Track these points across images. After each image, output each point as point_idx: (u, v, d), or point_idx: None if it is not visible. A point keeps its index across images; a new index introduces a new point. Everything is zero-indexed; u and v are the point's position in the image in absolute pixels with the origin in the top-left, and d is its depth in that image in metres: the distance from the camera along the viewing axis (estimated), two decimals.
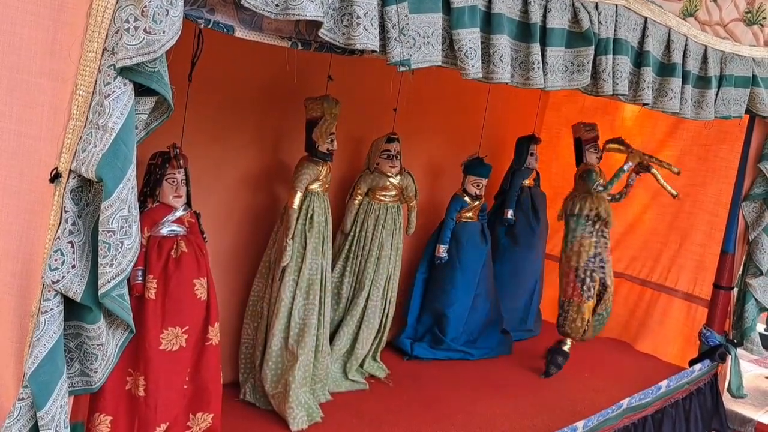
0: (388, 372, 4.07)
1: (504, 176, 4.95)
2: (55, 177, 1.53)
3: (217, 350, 3.02)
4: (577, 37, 2.71)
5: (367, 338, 3.99)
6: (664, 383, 4.03)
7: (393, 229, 4.03)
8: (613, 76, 2.92)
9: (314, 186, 3.52)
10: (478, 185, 4.45)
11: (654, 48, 3.23)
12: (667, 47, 3.35)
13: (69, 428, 1.57)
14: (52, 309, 1.52)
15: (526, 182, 4.92)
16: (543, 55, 2.56)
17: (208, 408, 2.98)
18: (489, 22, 2.36)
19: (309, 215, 3.51)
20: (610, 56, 2.88)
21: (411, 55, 2.11)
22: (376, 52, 2.03)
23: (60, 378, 1.55)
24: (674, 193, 4.37)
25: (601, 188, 4.35)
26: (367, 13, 1.91)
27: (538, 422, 3.74)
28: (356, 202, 4.01)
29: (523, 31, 2.51)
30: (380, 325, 4.05)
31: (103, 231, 1.51)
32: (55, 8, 1.56)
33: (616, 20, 2.90)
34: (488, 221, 4.68)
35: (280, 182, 3.78)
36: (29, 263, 1.58)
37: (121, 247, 1.52)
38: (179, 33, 1.53)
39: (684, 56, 3.49)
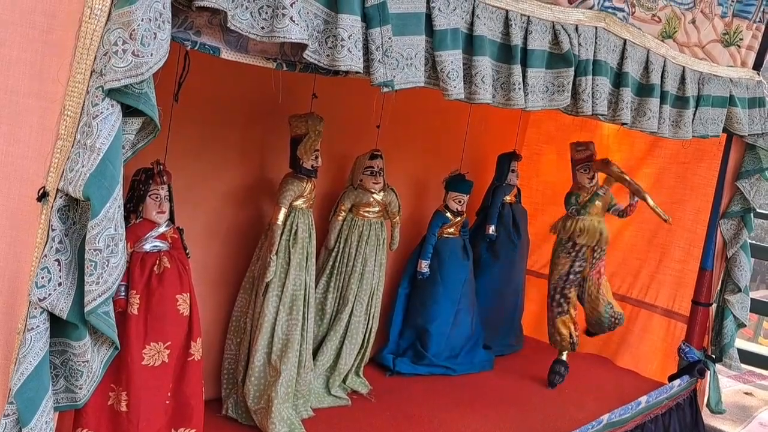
0: (370, 388, 4.09)
1: (485, 192, 4.99)
2: (43, 196, 1.55)
3: (200, 366, 3.03)
4: (557, 59, 2.77)
5: (350, 354, 4.01)
6: (643, 399, 4.08)
7: (377, 245, 4.06)
8: (593, 97, 2.98)
9: (298, 202, 3.55)
10: (460, 201, 4.49)
11: (633, 69, 3.30)
12: (646, 68, 3.42)
13: None
14: (38, 326, 1.54)
15: (508, 198, 4.96)
16: (524, 76, 2.61)
17: (190, 423, 2.99)
18: (471, 44, 2.41)
19: (293, 231, 3.53)
20: (590, 77, 2.94)
21: (394, 77, 2.15)
22: (360, 73, 2.07)
23: (45, 394, 1.56)
24: (665, 217, 4.31)
25: (575, 212, 4.42)
26: (351, 35, 1.95)
27: None
28: (340, 218, 4.04)
29: (505, 53, 2.56)
30: (363, 341, 4.07)
31: (89, 249, 1.53)
32: (44, 30, 1.58)
33: (596, 42, 2.97)
34: (470, 237, 4.72)
35: (265, 198, 3.80)
36: (15, 281, 1.60)
37: (107, 266, 1.54)
38: (167, 55, 1.56)
39: (662, 77, 3.57)
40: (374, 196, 4.04)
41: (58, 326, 1.60)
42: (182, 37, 1.67)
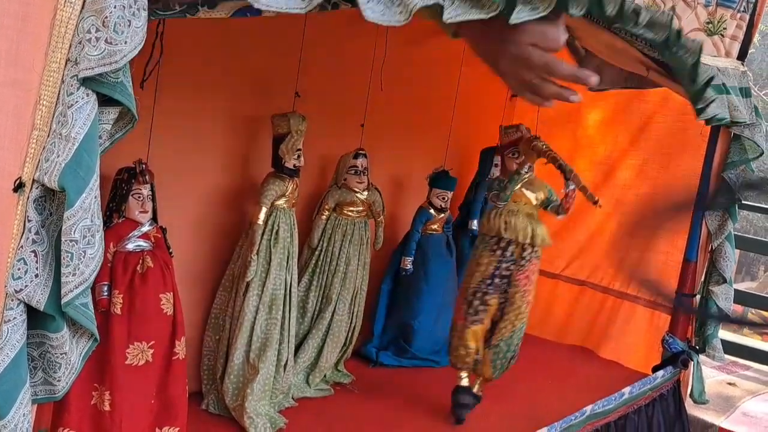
0: (353, 378, 4.11)
1: (468, 187, 5.01)
2: (19, 187, 1.54)
3: (184, 364, 3.05)
4: None
5: (332, 352, 4.02)
6: (627, 390, 4.10)
7: (360, 245, 4.08)
8: None
9: (280, 202, 3.56)
10: (444, 198, 4.50)
11: None
12: None
13: None
14: (15, 318, 1.53)
15: None
16: None
17: (174, 422, 3.00)
18: None
19: (274, 231, 3.53)
20: None
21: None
22: None
23: (23, 386, 1.56)
24: (596, 199, 3.75)
25: (495, 197, 3.76)
26: None
27: (499, 429, 3.79)
28: (323, 217, 4.05)
29: None
30: (346, 340, 4.10)
31: (65, 240, 1.52)
32: (19, 18, 1.58)
33: None
34: (453, 233, 4.73)
35: (248, 197, 3.80)
36: None
37: (83, 257, 1.53)
38: (142, 43, 1.55)
39: None
40: (358, 195, 4.05)
41: (35, 318, 1.60)
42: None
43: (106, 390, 2.79)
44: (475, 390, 3.83)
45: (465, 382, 3.80)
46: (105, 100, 1.58)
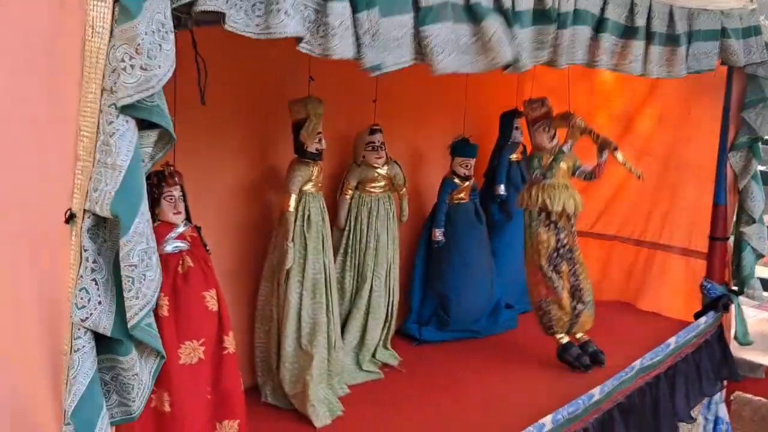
0: (400, 359, 4.14)
1: (491, 153, 5.00)
2: (70, 218, 1.57)
3: (235, 358, 3.08)
4: (540, 15, 2.78)
5: (375, 328, 4.05)
6: (672, 340, 4.12)
7: (387, 219, 4.09)
8: (572, 47, 3.03)
9: (308, 187, 3.58)
10: (467, 165, 4.50)
11: (615, 13, 3.29)
12: (631, 11, 3.40)
13: None
14: (84, 346, 1.57)
15: (514, 157, 4.97)
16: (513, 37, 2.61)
17: (233, 415, 3.04)
18: (465, 12, 2.39)
19: (306, 216, 3.56)
20: (569, 29, 2.98)
21: (384, 60, 2.15)
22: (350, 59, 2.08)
23: (101, 412, 1.60)
24: (637, 173, 4.00)
25: (540, 176, 4.05)
26: (341, 22, 1.96)
27: (555, 391, 3.78)
28: (347, 196, 4.06)
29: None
30: (387, 314, 4.11)
31: (125, 266, 1.56)
32: (47, 53, 1.59)
33: None
34: (480, 199, 4.73)
35: (273, 186, 3.82)
36: (55, 304, 1.63)
37: (144, 279, 1.57)
38: (174, 65, 1.57)
39: (649, 18, 3.54)
40: (378, 171, 4.06)
41: (103, 343, 1.64)
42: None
43: (165, 391, 2.82)
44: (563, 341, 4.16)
45: (566, 339, 4.17)
46: (143, 124, 1.61)
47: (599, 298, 5.14)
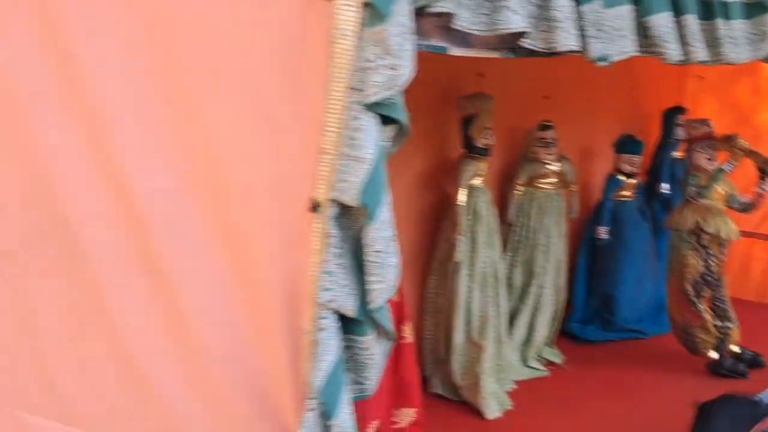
0: (563, 357, 4.13)
1: (654, 151, 4.90)
2: (315, 207, 1.69)
3: (413, 347, 3.17)
4: (755, 7, 2.70)
5: (542, 326, 4.07)
6: None
7: (557, 216, 4.10)
8: None
9: (476, 181, 3.65)
10: (632, 163, 4.45)
11: None
12: None
13: None
14: (330, 326, 1.69)
15: (677, 154, 4.85)
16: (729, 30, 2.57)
17: (411, 403, 3.13)
18: (676, 5, 2.38)
19: (475, 210, 3.63)
20: None
21: (609, 50, 2.17)
22: (575, 52, 2.11)
23: (345, 387, 1.72)
24: None
25: (695, 194, 3.89)
26: (566, 16, 2.00)
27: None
28: (517, 192, 4.09)
29: (706, 10, 2.52)
30: (554, 312, 4.12)
31: (369, 252, 1.66)
32: (295, 56, 1.72)
33: None
34: (643, 197, 4.66)
35: (445, 180, 3.89)
36: (295, 286, 1.75)
37: (387, 265, 1.67)
38: (413, 64, 1.67)
39: None
40: (549, 167, 4.07)
41: (343, 324, 1.75)
42: (417, 42, 1.77)
43: None
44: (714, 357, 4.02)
45: (716, 355, 4.01)
46: (381, 120, 1.72)
47: (763, 301, 4.95)
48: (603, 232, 4.43)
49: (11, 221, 1.92)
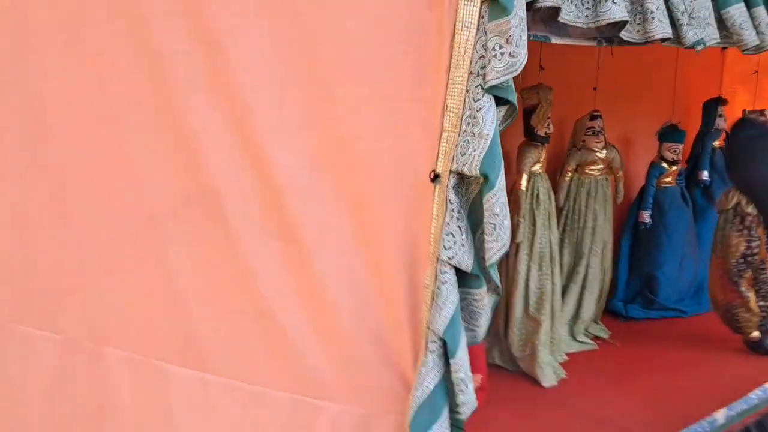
0: (610, 333, 4.37)
1: (694, 140, 5.12)
2: (435, 177, 1.94)
3: None
4: None
5: (589, 303, 4.32)
6: None
7: (604, 200, 4.34)
8: None
9: (536, 168, 3.89)
10: (675, 150, 4.68)
11: None
12: None
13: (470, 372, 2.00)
14: (449, 279, 1.93)
15: (717, 143, 5.08)
16: None
17: (477, 369, 3.37)
18: None
19: (535, 195, 3.87)
20: None
21: (702, 36, 2.37)
22: (669, 39, 2.31)
23: (462, 332, 1.97)
24: None
25: None
26: (658, 6, 2.21)
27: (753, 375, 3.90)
28: (567, 178, 4.34)
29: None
30: (600, 290, 4.37)
31: (489, 215, 1.91)
32: (420, 45, 1.96)
33: None
34: (684, 184, 4.88)
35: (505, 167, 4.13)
36: (415, 247, 2.00)
37: (503, 226, 1.92)
38: (527, 52, 1.91)
39: None
40: (597, 154, 4.31)
41: (458, 278, 2.00)
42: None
43: None
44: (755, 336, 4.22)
45: (757, 334, 4.22)
46: (496, 101, 1.96)
47: None
48: (646, 217, 4.67)
49: (159, 189, 2.19)
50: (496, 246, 1.91)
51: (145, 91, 2.15)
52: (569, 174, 4.33)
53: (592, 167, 4.32)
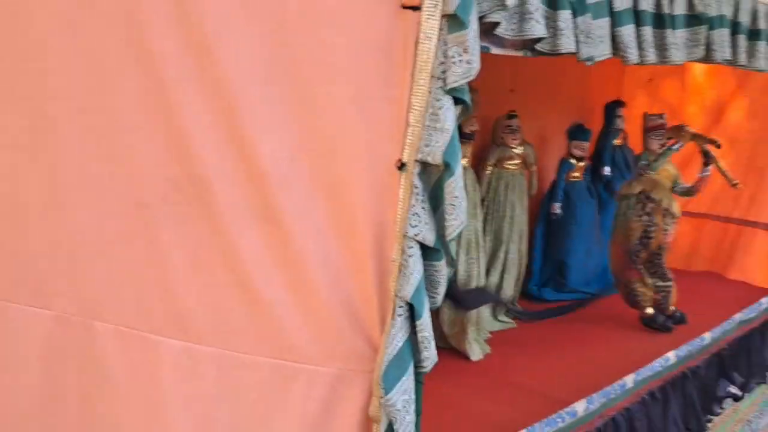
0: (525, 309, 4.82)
1: (597, 138, 5.64)
2: (402, 166, 2.26)
3: None
4: (693, 18, 3.42)
5: (508, 285, 4.73)
6: (765, 300, 4.73)
7: (521, 192, 4.77)
8: (720, 46, 3.62)
9: (462, 162, 4.24)
10: (582, 148, 5.17)
11: (744, 19, 3.90)
12: (753, 16, 4.02)
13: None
14: (415, 253, 2.24)
15: (617, 142, 5.61)
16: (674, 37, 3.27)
17: None
18: (638, 18, 3.06)
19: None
20: (718, 30, 3.58)
21: (594, 53, 2.82)
22: (571, 53, 2.73)
23: (426, 296, 2.29)
24: (734, 182, 4.67)
25: (645, 167, 4.57)
26: (567, 26, 2.63)
27: (660, 345, 4.32)
28: (488, 171, 4.75)
29: (658, 21, 3.21)
30: (518, 274, 4.80)
31: (449, 197, 2.23)
32: (389, 51, 2.26)
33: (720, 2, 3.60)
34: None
35: None
36: (383, 227, 2.30)
37: (460, 207, 2.25)
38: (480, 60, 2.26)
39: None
40: (514, 150, 4.74)
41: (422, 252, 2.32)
42: None
43: None
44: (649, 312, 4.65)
45: (652, 311, 4.67)
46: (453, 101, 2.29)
47: (689, 269, 5.74)
48: (557, 208, 5.15)
49: (151, 176, 2.42)
50: (455, 224, 2.25)
51: (140, 87, 2.38)
52: (489, 168, 4.74)
53: (510, 162, 4.74)
